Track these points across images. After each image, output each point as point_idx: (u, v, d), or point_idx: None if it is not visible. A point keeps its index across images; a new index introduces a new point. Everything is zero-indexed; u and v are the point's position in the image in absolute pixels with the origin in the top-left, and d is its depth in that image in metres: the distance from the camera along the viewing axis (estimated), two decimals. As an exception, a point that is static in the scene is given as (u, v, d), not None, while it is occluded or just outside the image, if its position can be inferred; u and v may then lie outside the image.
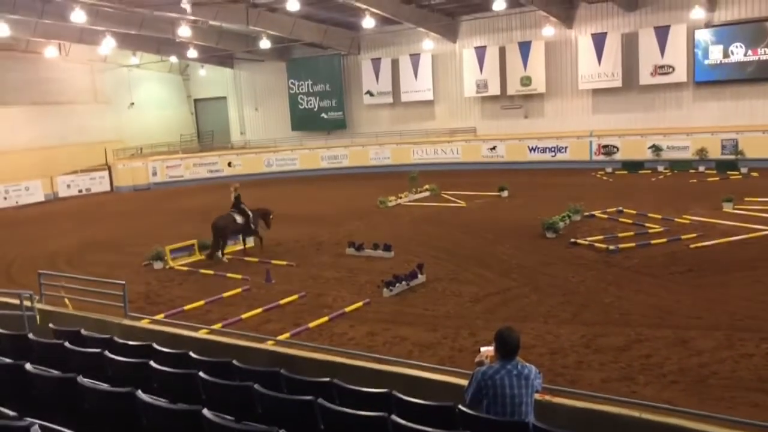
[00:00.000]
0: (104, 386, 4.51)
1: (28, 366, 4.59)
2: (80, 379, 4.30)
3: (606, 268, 14.05)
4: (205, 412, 3.63)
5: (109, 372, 5.33)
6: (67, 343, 5.82)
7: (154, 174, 34.95)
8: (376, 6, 28.62)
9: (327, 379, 5.49)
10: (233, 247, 18.32)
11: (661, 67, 28.79)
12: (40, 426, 2.92)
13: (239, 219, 17.52)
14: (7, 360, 5.04)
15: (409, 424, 4.01)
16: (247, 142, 40.38)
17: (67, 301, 10.49)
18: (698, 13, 27.24)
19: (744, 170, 26.31)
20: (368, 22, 28.62)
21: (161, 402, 4.06)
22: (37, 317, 8.43)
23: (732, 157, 27.19)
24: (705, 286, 12.39)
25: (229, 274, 15.53)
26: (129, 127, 37.76)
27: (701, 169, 27.63)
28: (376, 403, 4.83)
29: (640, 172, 28.52)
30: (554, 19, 30.14)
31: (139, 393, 4.01)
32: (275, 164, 36.16)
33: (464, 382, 6.72)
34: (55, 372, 4.83)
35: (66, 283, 10.23)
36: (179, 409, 3.94)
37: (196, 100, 43.53)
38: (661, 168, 28.60)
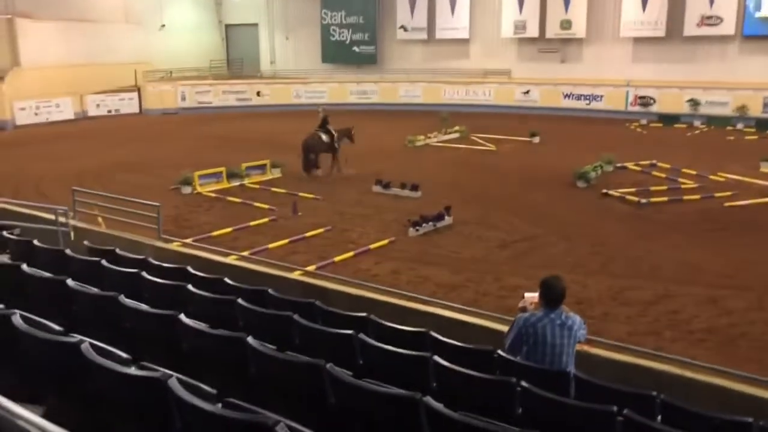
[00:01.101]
0: (145, 307, 4.51)
1: (69, 282, 4.59)
2: (121, 298, 4.30)
3: (636, 222, 13.85)
4: (250, 339, 3.62)
5: (145, 293, 5.35)
6: (104, 262, 5.85)
7: (183, 99, 34.79)
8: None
9: (363, 314, 5.47)
10: (259, 177, 18.32)
11: (709, 17, 27.73)
12: (90, 344, 2.92)
13: (325, 138, 18.78)
14: (47, 274, 5.07)
15: (450, 365, 3.98)
16: (276, 72, 39.91)
17: (100, 219, 10.54)
18: (753, -38, 26.02)
19: (785, 130, 25.58)
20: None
21: (203, 327, 4.04)
22: (72, 234, 8.48)
23: (773, 115, 26.41)
24: (737, 246, 12.17)
25: (256, 204, 15.55)
26: (159, 49, 37.32)
27: (740, 126, 26.89)
28: (413, 342, 4.81)
29: (675, 125, 27.83)
30: (601, -40, 28.99)
31: (182, 317, 4.00)
32: (304, 96, 35.74)
33: (495, 326, 6.74)
34: (95, 290, 4.84)
35: (100, 201, 10.24)
36: (223, 335, 3.93)
37: (227, 26, 42.85)
38: (697, 123, 27.88)
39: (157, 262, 6.42)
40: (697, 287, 10.08)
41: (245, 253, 11.25)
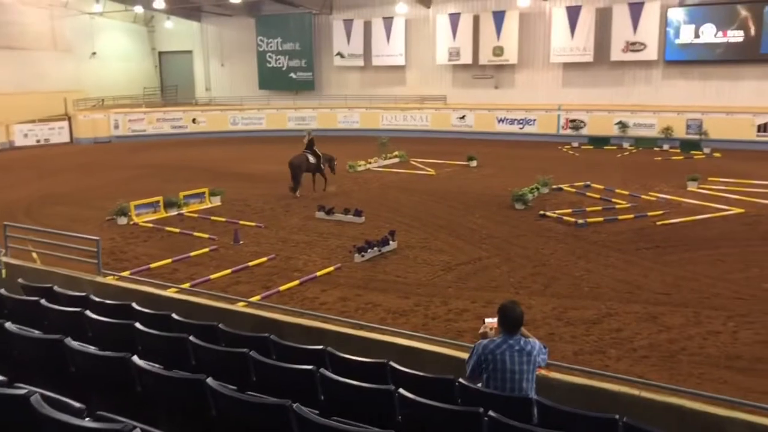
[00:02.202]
0: (93, 349, 4.30)
1: (8, 325, 4.32)
2: (68, 341, 4.08)
3: (575, 242, 14.17)
4: (210, 381, 3.48)
5: (90, 333, 5.10)
6: (43, 301, 5.55)
7: (116, 127, 33.99)
8: (352, -35, 28.03)
9: (320, 347, 5.38)
10: (197, 205, 18.00)
11: (633, 44, 28.97)
12: (43, 396, 2.74)
13: (312, 159, 19.75)
14: None
15: (416, 398, 3.93)
16: (212, 99, 39.52)
17: (35, 255, 10.09)
18: (672, -8, 27.39)
19: (707, 150, 26.78)
20: (343, -18, 28.05)
21: (158, 368, 3.88)
22: (3, 271, 8.04)
23: (696, 137, 27.63)
24: (672, 263, 12.60)
25: (195, 233, 15.23)
26: (90, 77, 36.50)
27: (666, 147, 28.05)
28: (373, 374, 4.74)
29: (605, 147, 28.82)
30: (530, -11, 29.97)
31: (135, 358, 3.82)
32: (241, 123, 35.49)
33: (451, 353, 6.75)
34: (36, 332, 4.59)
35: (34, 237, 9.79)
36: (181, 377, 3.76)
37: (160, 53, 42.30)
38: (626, 144, 28.95)
39: (99, 299, 6.15)
40: (637, 305, 10.36)
41: (185, 286, 10.96)
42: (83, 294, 6.33)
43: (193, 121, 35.22)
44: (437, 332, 9.28)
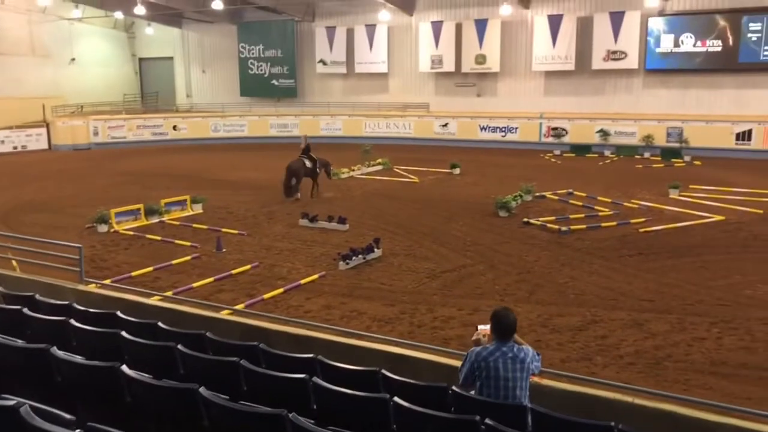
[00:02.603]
0: (79, 359, 4.18)
1: (124, 368, 4.11)
2: (53, 350, 3.96)
3: (559, 249, 14.20)
4: (203, 390, 3.39)
5: (75, 342, 4.97)
6: (26, 310, 5.39)
7: (96, 134, 33.62)
8: (335, -27, 28.05)
9: (310, 355, 5.29)
10: (179, 213, 17.81)
11: (614, 52, 29.25)
12: (32, 407, 2.64)
13: (308, 163, 20.09)
14: None
15: (411, 406, 3.87)
16: (193, 106, 39.29)
17: (14, 263, 9.88)
18: (652, 2, 27.71)
19: (687, 158, 27.07)
20: (326, -11, 28.06)
21: (147, 378, 3.78)
22: None
23: (677, 145, 27.92)
24: (655, 270, 12.65)
25: (177, 241, 15.05)
26: (69, 83, 36.14)
27: (646, 155, 28.31)
28: (365, 382, 4.67)
29: (587, 155, 29.03)
30: (512, -3, 30.18)
31: (125, 368, 3.71)
32: (222, 130, 35.30)
33: (440, 360, 6.70)
34: (20, 341, 4.45)
35: (13, 244, 9.59)
36: (172, 386, 3.67)
37: (141, 59, 41.99)
38: (607, 152, 29.17)
39: (82, 308, 6.01)
40: (622, 312, 10.38)
41: (167, 294, 10.82)
42: (66, 303, 6.18)
43: (174, 128, 34.96)
44: (424, 340, 9.21)
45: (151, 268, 12.83)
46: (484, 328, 4.85)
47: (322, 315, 10.37)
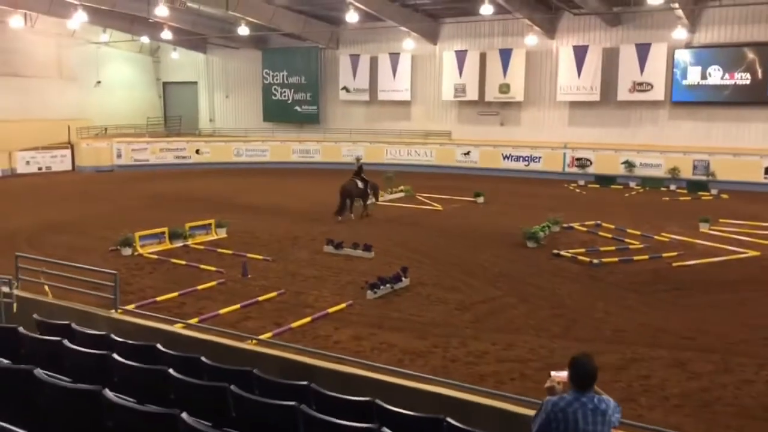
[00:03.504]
0: (131, 401, 3.92)
1: (37, 372, 3.91)
2: (106, 392, 3.68)
3: (591, 282, 13.86)
4: (185, 416, 3.11)
5: (115, 377, 4.72)
6: (65, 342, 5.13)
7: (119, 156, 33.78)
8: (361, 1, 28.18)
9: (304, 382, 5.06)
10: (203, 237, 17.67)
11: (640, 84, 28.99)
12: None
13: (360, 185, 20.72)
14: (4, 361, 4.37)
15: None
16: (215, 130, 39.47)
17: (47, 288, 9.70)
18: (679, 34, 27.48)
19: (714, 191, 26.62)
20: (351, 17, 28.16)
21: (205, 425, 3.51)
22: (14, 305, 7.59)
23: (703, 177, 27.50)
24: (692, 307, 12.27)
25: (202, 266, 14.88)
26: (94, 106, 36.43)
27: (672, 187, 27.89)
28: (358, 413, 4.42)
29: (612, 186, 28.66)
30: (537, 28, 30.12)
31: (185, 415, 3.45)
32: (245, 154, 35.34)
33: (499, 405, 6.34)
34: (66, 380, 4.19)
35: (46, 268, 9.41)
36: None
37: (165, 83, 42.34)
38: (632, 184, 28.79)
39: (120, 339, 5.74)
40: (662, 350, 10.01)
41: (193, 321, 10.61)
42: (103, 333, 5.91)
43: (197, 151, 35.06)
44: (458, 376, 8.90)
45: (176, 294, 12.63)
46: (559, 375, 4.53)
47: (352, 346, 10.09)
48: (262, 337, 10.03)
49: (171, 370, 4.86)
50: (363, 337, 10.52)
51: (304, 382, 5.50)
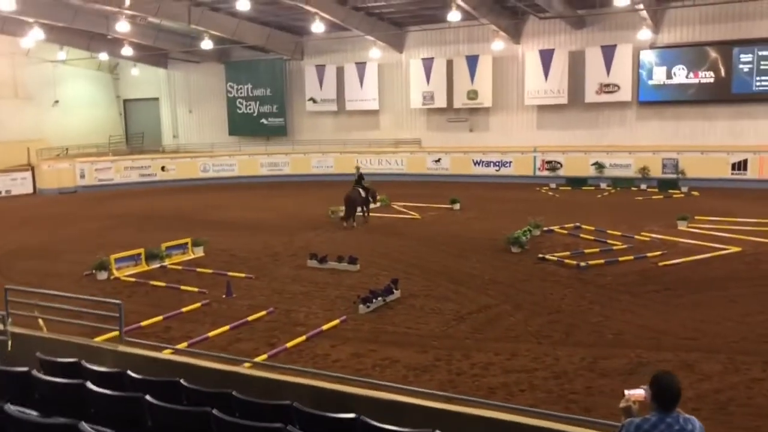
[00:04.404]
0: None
1: (84, 425, 3.46)
2: None
3: (582, 285, 13.74)
4: None
5: (149, 421, 4.30)
6: (89, 384, 4.64)
7: (82, 176, 32.81)
8: (327, 11, 27.93)
9: (286, 402, 4.79)
10: (180, 257, 17.12)
11: (607, 85, 29.26)
12: None
13: (363, 193, 21.41)
14: (32, 413, 3.90)
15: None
16: (179, 146, 38.69)
17: (41, 322, 9.09)
18: (644, 35, 27.81)
19: (685, 189, 26.96)
20: (317, 27, 27.89)
21: None
22: (9, 342, 6.99)
23: (673, 176, 27.84)
24: (686, 306, 12.23)
25: (183, 287, 14.37)
26: (52, 125, 35.41)
27: (643, 187, 28.17)
28: (342, 430, 4.14)
29: (583, 188, 28.84)
30: (503, 33, 30.20)
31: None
32: (212, 170, 34.71)
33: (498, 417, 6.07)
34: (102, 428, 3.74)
35: (40, 300, 8.81)
36: None
37: (125, 101, 41.40)
38: (603, 185, 29.01)
39: (138, 376, 5.27)
40: (667, 352, 9.89)
41: (181, 346, 10.14)
42: (117, 371, 5.41)
43: (163, 168, 34.27)
44: (466, 389, 8.68)
45: (160, 317, 12.14)
46: (635, 393, 4.27)
47: (353, 364, 9.76)
48: (258, 359, 9.66)
49: (148, 397, 4.55)
50: (363, 354, 10.18)
51: (287, 402, 5.26)
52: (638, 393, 4.22)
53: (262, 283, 14.62)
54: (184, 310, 12.65)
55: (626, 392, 4.32)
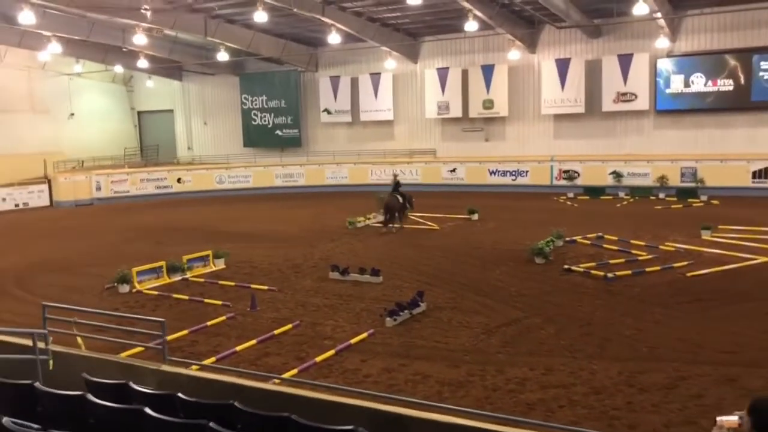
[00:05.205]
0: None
1: None
2: None
3: (611, 297, 13.52)
4: None
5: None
6: (147, 409, 4.51)
7: (98, 189, 32.87)
8: (343, 22, 27.94)
9: (285, 413, 4.66)
10: (202, 269, 17.02)
11: (624, 94, 29.09)
12: None
13: (401, 199, 22.02)
14: None
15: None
16: (194, 158, 38.77)
17: (80, 340, 8.96)
18: (661, 43, 27.65)
19: (704, 198, 26.69)
20: (333, 38, 27.86)
21: None
22: (50, 362, 6.83)
23: (692, 184, 27.58)
24: (720, 318, 11.98)
25: (206, 300, 14.25)
26: (68, 138, 35.58)
27: (662, 196, 27.92)
28: None
29: (601, 197, 28.61)
30: (519, 42, 30.12)
31: None
32: (227, 181, 34.71)
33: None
34: None
35: (79, 318, 8.66)
36: None
37: (140, 113, 41.57)
38: (622, 194, 28.77)
39: (191, 399, 5.11)
40: (706, 366, 9.65)
41: (208, 361, 10.00)
42: (167, 393, 5.24)
43: (178, 180, 34.30)
44: (504, 406, 8.48)
45: (186, 331, 11.99)
46: (728, 420, 4.07)
47: (384, 380, 9.58)
48: (285, 375, 9.50)
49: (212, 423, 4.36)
50: (394, 368, 10.00)
51: (285, 413, 5.11)
52: (732, 419, 4.01)
53: (285, 296, 14.47)
54: (209, 323, 12.51)
55: (718, 419, 4.10)
